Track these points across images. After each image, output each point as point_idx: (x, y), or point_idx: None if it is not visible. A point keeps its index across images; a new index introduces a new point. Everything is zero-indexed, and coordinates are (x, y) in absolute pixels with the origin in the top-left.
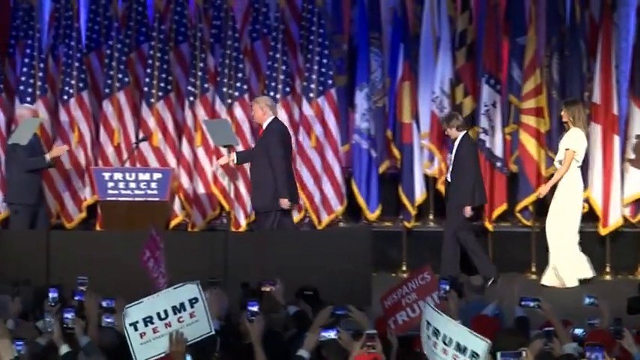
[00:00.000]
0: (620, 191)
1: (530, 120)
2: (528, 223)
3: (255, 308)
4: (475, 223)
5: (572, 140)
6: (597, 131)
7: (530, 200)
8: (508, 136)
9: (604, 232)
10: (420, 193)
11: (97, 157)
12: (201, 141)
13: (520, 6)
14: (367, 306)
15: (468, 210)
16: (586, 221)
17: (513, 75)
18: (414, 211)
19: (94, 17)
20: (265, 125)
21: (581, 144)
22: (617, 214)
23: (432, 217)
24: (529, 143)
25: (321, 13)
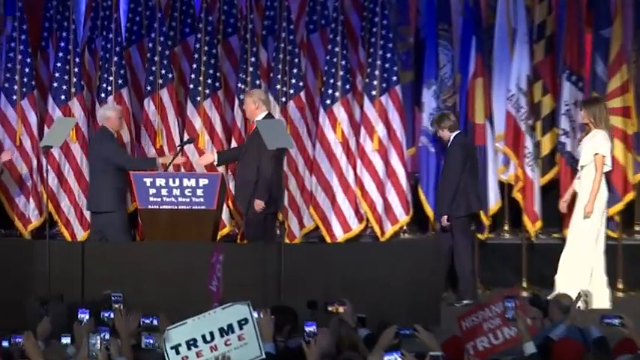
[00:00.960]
0: None
1: (616, 121)
2: (614, 235)
3: (313, 328)
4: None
5: (598, 144)
6: None
7: (617, 210)
8: None
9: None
10: (494, 201)
11: None
12: None
13: None
14: (436, 326)
15: (443, 220)
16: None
17: (597, 71)
18: (487, 221)
19: (135, 7)
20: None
21: (608, 146)
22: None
23: (507, 227)
24: (615, 146)
25: (385, 3)
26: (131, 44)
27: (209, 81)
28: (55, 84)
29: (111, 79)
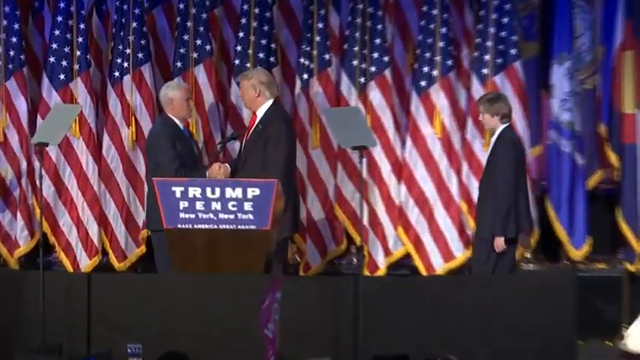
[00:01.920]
0: None
1: None
2: None
3: None
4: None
5: None
6: None
7: None
8: None
9: None
10: None
11: None
12: (320, 140)
13: None
14: None
15: (499, 243)
16: None
17: None
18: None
19: None
20: (261, 112)
21: None
22: None
23: None
24: None
25: None
26: (155, 4)
27: (261, 55)
28: (51, 58)
29: (128, 51)
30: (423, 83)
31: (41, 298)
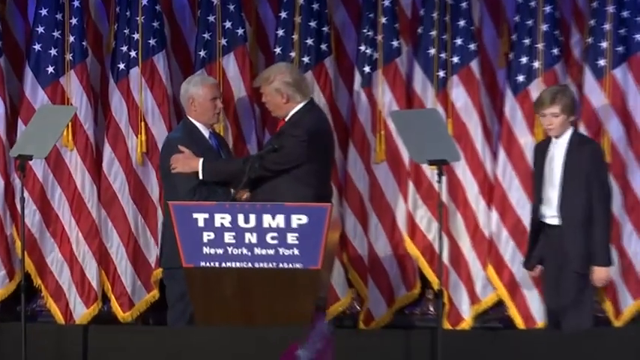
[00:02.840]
0: None
1: None
2: None
3: None
4: None
5: None
6: None
7: None
8: None
9: None
10: None
11: None
12: (386, 152)
13: None
14: None
15: (602, 275)
16: None
17: None
18: None
19: None
20: (289, 117)
21: None
22: None
23: None
24: None
25: None
26: None
27: (309, 41)
28: (36, 46)
29: (136, 37)
30: (521, 78)
31: (23, 357)
